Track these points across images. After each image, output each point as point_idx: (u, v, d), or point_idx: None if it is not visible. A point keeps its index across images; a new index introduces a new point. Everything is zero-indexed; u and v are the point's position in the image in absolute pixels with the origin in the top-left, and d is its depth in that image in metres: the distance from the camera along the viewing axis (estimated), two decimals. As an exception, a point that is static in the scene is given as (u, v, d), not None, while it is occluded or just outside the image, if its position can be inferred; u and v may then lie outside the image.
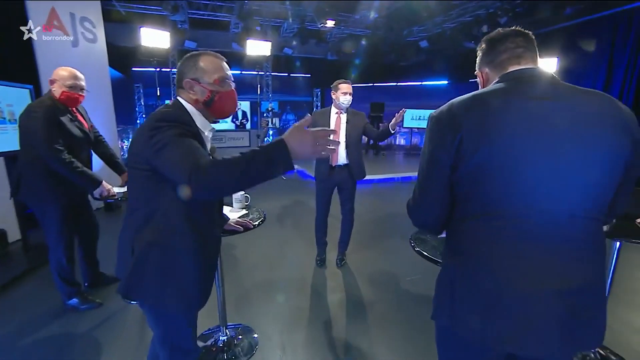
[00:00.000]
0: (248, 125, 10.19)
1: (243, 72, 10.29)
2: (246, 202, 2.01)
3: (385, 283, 2.79)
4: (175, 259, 1.06)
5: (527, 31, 0.91)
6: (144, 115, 9.22)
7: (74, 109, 2.19)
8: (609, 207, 0.80)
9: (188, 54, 1.15)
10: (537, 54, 0.90)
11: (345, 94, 2.62)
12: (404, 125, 10.01)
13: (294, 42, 8.83)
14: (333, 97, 2.70)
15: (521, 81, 0.82)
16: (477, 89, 0.92)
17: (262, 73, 9.32)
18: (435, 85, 10.52)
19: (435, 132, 0.84)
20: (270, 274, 2.90)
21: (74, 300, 2.33)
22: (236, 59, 9.56)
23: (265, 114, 8.66)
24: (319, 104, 12.07)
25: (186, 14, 7.46)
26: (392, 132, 2.62)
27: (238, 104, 1.25)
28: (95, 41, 4.40)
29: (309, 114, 1.09)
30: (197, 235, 1.09)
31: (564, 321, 0.76)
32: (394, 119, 2.55)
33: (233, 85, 1.17)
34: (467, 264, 0.82)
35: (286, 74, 11.17)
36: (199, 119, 1.12)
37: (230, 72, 1.16)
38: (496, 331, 0.77)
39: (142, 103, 9.08)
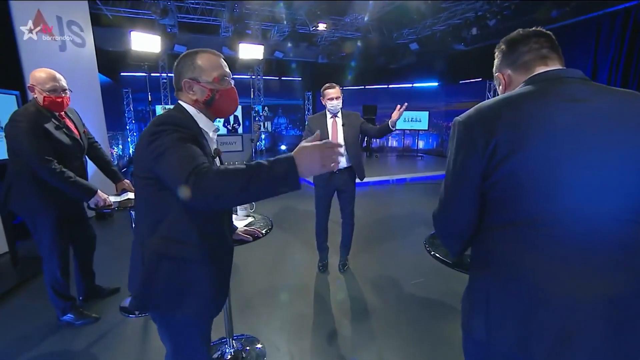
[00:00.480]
0: (240, 130, 10.09)
1: (234, 76, 10.17)
2: (251, 209, 1.95)
3: (388, 287, 2.77)
4: (188, 270, 1.02)
5: (548, 32, 0.89)
6: (133, 121, 9.03)
7: (61, 114, 2.06)
8: None
9: (184, 53, 1.11)
10: (561, 54, 0.88)
11: (331, 99, 2.61)
12: (397, 127, 10.08)
13: (289, 45, 8.80)
14: (323, 102, 2.71)
15: (552, 83, 0.79)
16: (468, 90, 0.91)
17: (254, 77, 9.25)
18: (426, 87, 10.62)
19: (464, 137, 0.81)
20: (271, 281, 2.84)
21: (69, 316, 2.22)
22: (227, 63, 9.43)
23: (257, 118, 8.59)
24: (310, 107, 12.06)
25: (175, 18, 7.35)
26: (393, 129, 2.57)
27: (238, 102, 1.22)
28: (84, 45, 4.28)
29: (318, 131, 1.03)
30: (208, 247, 1.05)
31: (608, 334, 0.71)
32: (396, 113, 2.46)
33: (232, 82, 1.14)
34: (501, 275, 0.78)
35: (277, 77, 11.13)
36: (202, 120, 1.09)
37: (228, 69, 1.13)
38: (534, 347, 0.73)
39: (132, 108, 8.89)
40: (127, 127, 9.03)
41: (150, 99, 6.19)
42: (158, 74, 8.56)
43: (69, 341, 2.08)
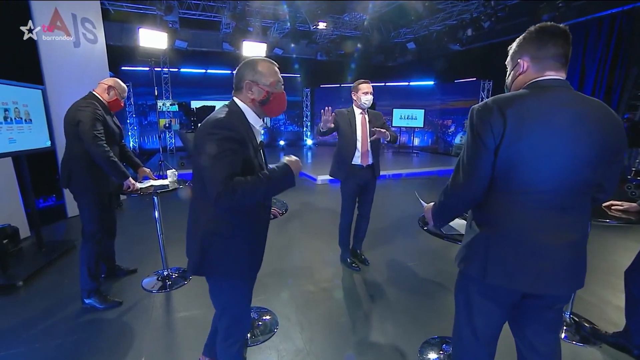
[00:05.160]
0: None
1: (234, 72, 10.32)
2: None
3: (387, 268, 3.06)
4: (235, 245, 1.28)
5: (570, 33, 1.04)
6: (134, 115, 9.17)
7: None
8: (598, 186, 1.08)
9: (247, 60, 1.31)
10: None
11: (366, 93, 2.68)
12: (393, 125, 10.36)
13: (292, 44, 8.99)
14: (354, 97, 2.75)
15: (551, 89, 1.03)
16: (463, 89, 1.19)
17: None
18: (422, 86, 10.90)
19: (482, 120, 1.02)
20: (279, 264, 3.10)
21: (93, 300, 2.38)
22: (227, 59, 9.63)
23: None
24: (308, 104, 12.29)
25: (177, 14, 7.52)
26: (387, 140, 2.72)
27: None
28: (96, 42, 4.48)
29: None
30: (247, 224, 1.30)
31: (572, 266, 1.05)
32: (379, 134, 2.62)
33: (283, 87, 1.35)
34: (499, 228, 1.07)
35: (276, 74, 11.30)
36: (251, 115, 1.30)
37: (280, 76, 1.34)
38: (527, 276, 1.04)
39: (132, 102, 9.04)
40: (128, 121, 9.18)
41: (156, 94, 6.35)
42: (160, 69, 8.70)
43: (98, 313, 2.32)
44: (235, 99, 1.32)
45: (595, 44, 6.33)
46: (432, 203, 1.31)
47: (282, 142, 11.60)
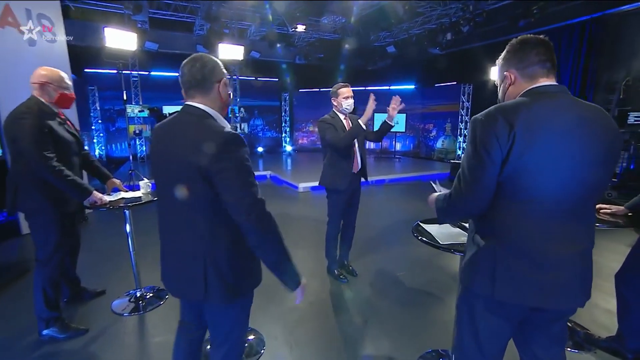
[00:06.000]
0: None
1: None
2: None
3: (376, 280, 3.03)
4: (253, 260, 1.26)
5: (550, 42, 1.10)
6: (99, 121, 8.77)
7: (60, 112, 2.15)
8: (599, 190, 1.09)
9: (202, 55, 1.18)
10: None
11: (347, 97, 2.66)
12: (374, 129, 10.48)
13: (266, 45, 8.93)
14: (334, 103, 2.71)
15: (549, 96, 1.04)
16: (443, 94, 1.17)
17: (229, 77, 9.24)
18: (403, 90, 11.12)
19: (486, 130, 1.01)
20: (263, 279, 2.97)
21: (52, 330, 2.14)
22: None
23: (233, 119, 8.63)
24: (287, 108, 12.23)
25: (147, 14, 7.30)
26: (392, 124, 2.63)
27: None
28: (55, 41, 4.23)
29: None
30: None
31: (582, 277, 1.05)
32: (392, 109, 2.55)
33: None
34: (508, 239, 1.05)
35: (253, 78, 11.20)
36: (223, 122, 1.18)
37: None
38: (538, 291, 1.02)
39: (98, 107, 8.64)
40: (93, 127, 8.76)
41: (125, 98, 6.07)
42: (128, 72, 8.40)
43: (59, 344, 2.12)
44: (197, 104, 1.16)
45: (568, 50, 6.69)
46: (437, 194, 1.26)
47: (260, 149, 11.46)
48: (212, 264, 1.14)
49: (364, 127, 2.55)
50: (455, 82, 9.29)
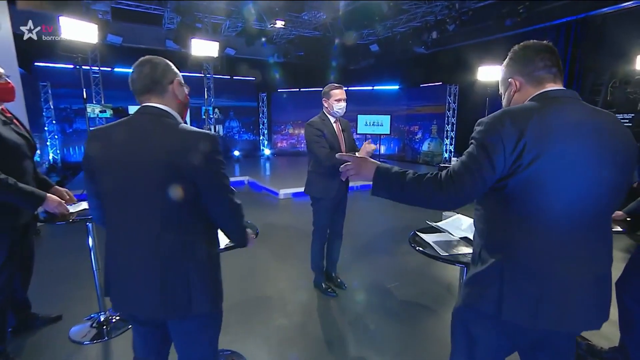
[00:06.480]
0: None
1: (182, 74, 9.86)
2: None
3: (366, 292, 2.99)
4: (218, 269, 1.26)
5: (555, 48, 1.11)
6: (54, 122, 8.34)
7: (4, 108, 1.99)
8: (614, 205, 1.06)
9: (151, 58, 1.21)
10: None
11: (339, 100, 2.64)
12: (358, 132, 10.56)
13: (246, 43, 8.84)
14: (325, 104, 2.70)
15: (560, 101, 1.02)
16: (429, 94, 1.15)
17: (202, 75, 9.09)
18: (386, 90, 11.28)
19: (491, 134, 0.99)
20: (246, 295, 2.90)
21: None
22: (172, 59, 9.06)
23: (207, 121, 8.44)
24: (265, 110, 12.12)
25: (108, 3, 7.04)
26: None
27: None
28: None
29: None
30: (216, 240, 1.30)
31: (599, 302, 1.04)
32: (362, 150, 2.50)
33: None
34: (513, 259, 1.02)
35: (228, 77, 11.04)
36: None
37: None
38: (550, 313, 0.99)
39: (52, 106, 8.21)
40: (46, 128, 8.32)
41: (85, 96, 5.78)
42: (88, 67, 8.05)
43: (10, 377, 1.95)
44: (156, 104, 1.17)
45: (554, 50, 7.02)
46: (379, 163, 1.17)
47: (237, 153, 11.26)
48: (194, 269, 1.14)
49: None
50: (441, 83, 9.51)
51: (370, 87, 11.46)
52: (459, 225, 1.84)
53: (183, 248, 1.12)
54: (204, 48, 7.78)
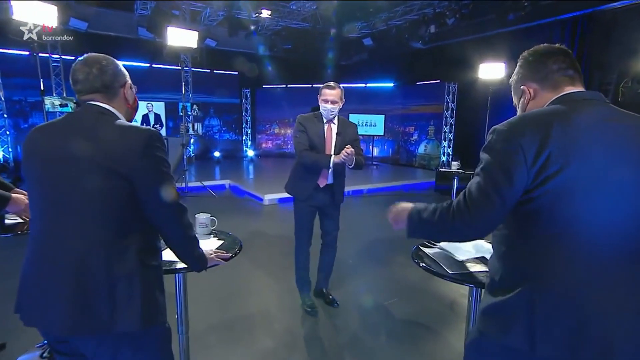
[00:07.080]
0: (163, 132, 9.58)
1: (154, 66, 9.71)
2: (213, 227, 1.92)
3: (361, 309, 2.91)
4: (161, 277, 1.22)
5: (569, 50, 1.10)
6: (5, 116, 7.99)
7: None
8: None
9: (99, 56, 1.21)
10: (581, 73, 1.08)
11: (326, 101, 2.58)
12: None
13: (228, 34, 8.72)
14: (320, 103, 2.70)
15: (583, 104, 0.98)
16: (426, 92, 1.05)
17: (179, 68, 8.85)
18: (380, 88, 11.29)
19: (510, 147, 0.94)
20: (227, 314, 2.78)
21: None
22: (145, 49, 9.03)
23: (184, 118, 8.24)
24: (248, 107, 11.98)
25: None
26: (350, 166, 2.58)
27: None
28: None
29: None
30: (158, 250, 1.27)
31: None
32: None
33: None
34: (546, 286, 0.94)
35: (208, 70, 10.87)
36: None
37: None
38: (582, 354, 0.89)
39: (2, 97, 7.86)
40: (-3, 124, 7.96)
41: (42, 88, 5.52)
42: (47, 55, 7.76)
43: None
44: (100, 103, 1.18)
45: (559, 46, 7.15)
46: (416, 204, 1.18)
47: (217, 154, 11.06)
48: (124, 283, 1.09)
49: (331, 166, 2.58)
50: (439, 81, 9.55)
51: (362, 84, 11.47)
52: (461, 244, 1.70)
53: (110, 259, 1.08)
54: (181, 38, 7.56)
